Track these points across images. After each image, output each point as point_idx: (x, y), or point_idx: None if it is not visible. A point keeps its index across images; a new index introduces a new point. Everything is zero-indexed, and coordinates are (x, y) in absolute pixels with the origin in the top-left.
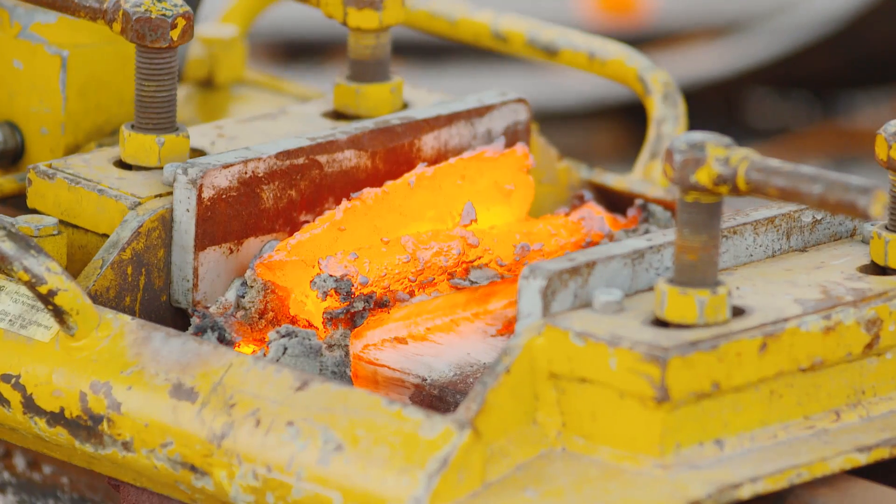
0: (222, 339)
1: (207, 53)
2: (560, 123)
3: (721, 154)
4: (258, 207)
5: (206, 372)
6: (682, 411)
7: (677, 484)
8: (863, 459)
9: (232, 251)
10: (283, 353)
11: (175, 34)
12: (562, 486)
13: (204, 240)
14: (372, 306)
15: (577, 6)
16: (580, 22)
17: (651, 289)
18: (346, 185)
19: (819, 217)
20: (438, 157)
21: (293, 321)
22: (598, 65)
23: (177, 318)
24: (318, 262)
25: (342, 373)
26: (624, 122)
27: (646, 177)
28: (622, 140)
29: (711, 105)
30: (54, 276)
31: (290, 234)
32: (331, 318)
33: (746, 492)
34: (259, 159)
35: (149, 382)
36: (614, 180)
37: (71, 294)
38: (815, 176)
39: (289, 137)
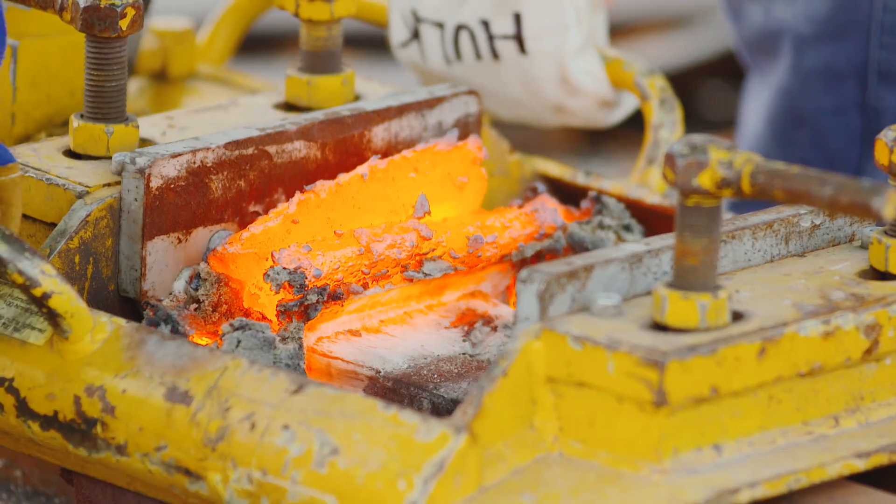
0: (175, 332)
1: (160, 46)
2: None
3: (724, 157)
4: (207, 197)
5: (201, 375)
6: (680, 416)
7: (675, 489)
8: (861, 465)
9: (180, 241)
10: (237, 346)
11: (124, 24)
12: (559, 491)
13: (152, 229)
14: (326, 299)
15: None
16: None
17: (649, 293)
18: (295, 176)
19: (818, 222)
20: (389, 149)
21: (247, 314)
22: None
23: (125, 307)
24: (272, 255)
25: (296, 365)
26: None
27: (643, 183)
28: (573, 134)
29: None
30: (49, 279)
31: (240, 225)
32: (284, 311)
33: (744, 497)
34: (208, 149)
35: (143, 386)
36: (612, 186)
37: (65, 297)
38: (823, 177)
39: (238, 128)
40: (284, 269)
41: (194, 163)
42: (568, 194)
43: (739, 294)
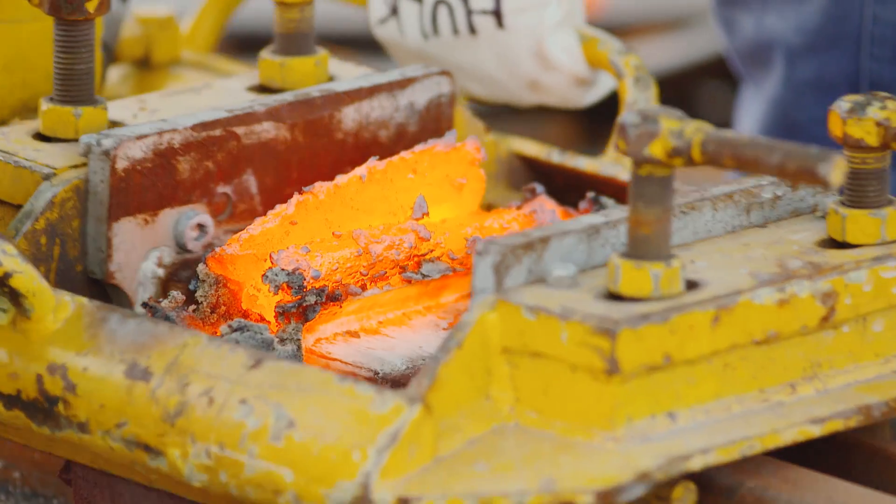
0: None
1: (143, 33)
2: (509, 116)
3: (675, 126)
4: (174, 178)
5: (162, 352)
6: (633, 384)
7: (628, 456)
8: (817, 431)
9: (147, 222)
10: None
11: (91, 6)
12: (512, 460)
13: (118, 210)
14: (324, 300)
15: None
16: None
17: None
18: (264, 157)
19: (780, 193)
20: (360, 130)
21: (245, 315)
22: None
23: (92, 288)
24: (270, 256)
25: None
26: (572, 115)
27: (618, 160)
28: (568, 136)
29: (663, 98)
30: (9, 259)
31: (208, 205)
32: (283, 312)
33: (697, 463)
34: (175, 130)
35: (104, 363)
36: (587, 164)
37: (27, 276)
38: (772, 145)
39: (207, 109)
40: (283, 270)
41: (161, 144)
42: (543, 173)
43: (696, 264)
